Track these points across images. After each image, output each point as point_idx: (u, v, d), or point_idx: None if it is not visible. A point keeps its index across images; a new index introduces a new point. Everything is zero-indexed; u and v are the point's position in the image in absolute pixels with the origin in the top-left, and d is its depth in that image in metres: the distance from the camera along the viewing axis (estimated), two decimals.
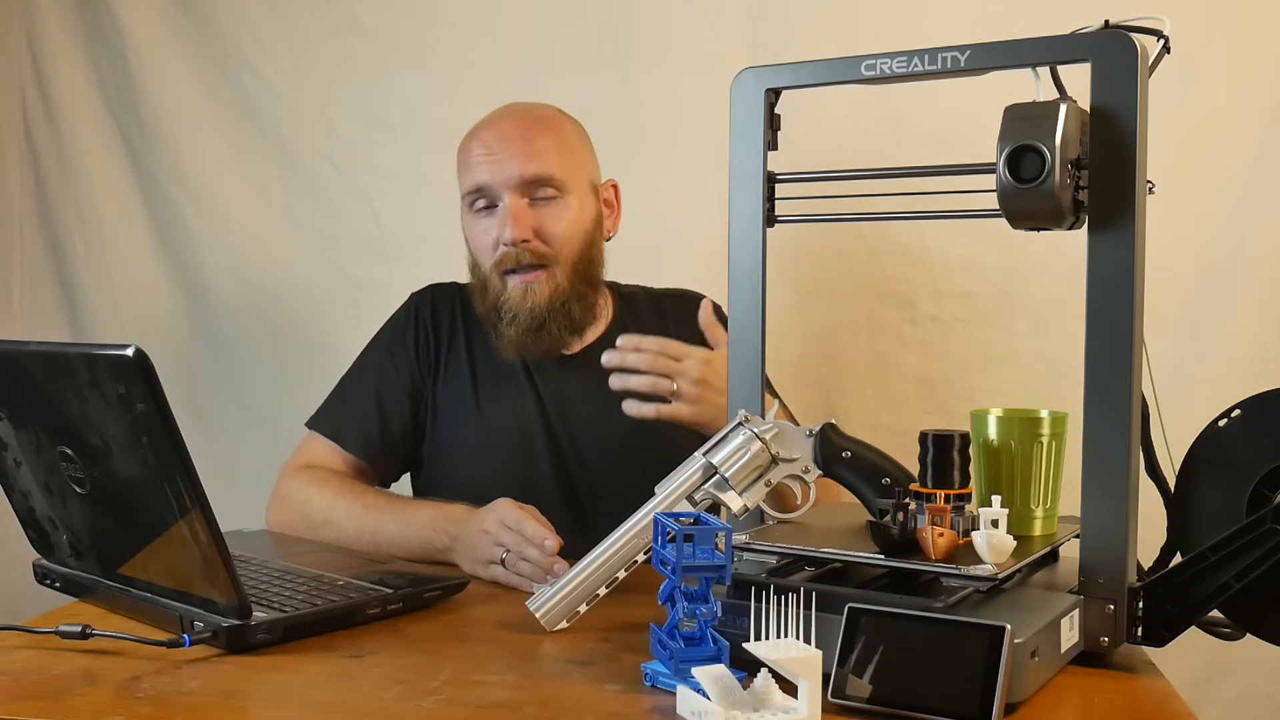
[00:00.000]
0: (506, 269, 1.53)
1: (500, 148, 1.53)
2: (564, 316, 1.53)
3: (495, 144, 1.53)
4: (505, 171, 1.51)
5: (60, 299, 2.24)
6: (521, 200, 1.52)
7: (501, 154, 1.52)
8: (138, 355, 0.95)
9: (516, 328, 1.52)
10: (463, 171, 1.57)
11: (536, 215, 1.52)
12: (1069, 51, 1.00)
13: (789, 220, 1.18)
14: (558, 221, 1.53)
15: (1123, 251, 0.98)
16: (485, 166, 1.53)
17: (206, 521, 1.01)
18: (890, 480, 1.08)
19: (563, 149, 1.55)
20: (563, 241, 1.53)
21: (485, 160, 1.53)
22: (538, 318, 1.52)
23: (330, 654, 1.05)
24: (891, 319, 1.88)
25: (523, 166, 1.51)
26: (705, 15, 1.93)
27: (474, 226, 1.57)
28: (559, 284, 1.53)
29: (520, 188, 1.52)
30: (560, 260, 1.53)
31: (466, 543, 1.34)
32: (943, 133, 1.68)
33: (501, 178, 1.52)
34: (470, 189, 1.55)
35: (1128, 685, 0.97)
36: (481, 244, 1.55)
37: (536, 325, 1.52)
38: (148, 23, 2.16)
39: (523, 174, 1.51)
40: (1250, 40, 1.72)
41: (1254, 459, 1.01)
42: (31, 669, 1.01)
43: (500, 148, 1.53)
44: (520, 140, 1.53)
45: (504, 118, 1.58)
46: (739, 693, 0.85)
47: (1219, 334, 1.75)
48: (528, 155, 1.52)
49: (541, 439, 1.56)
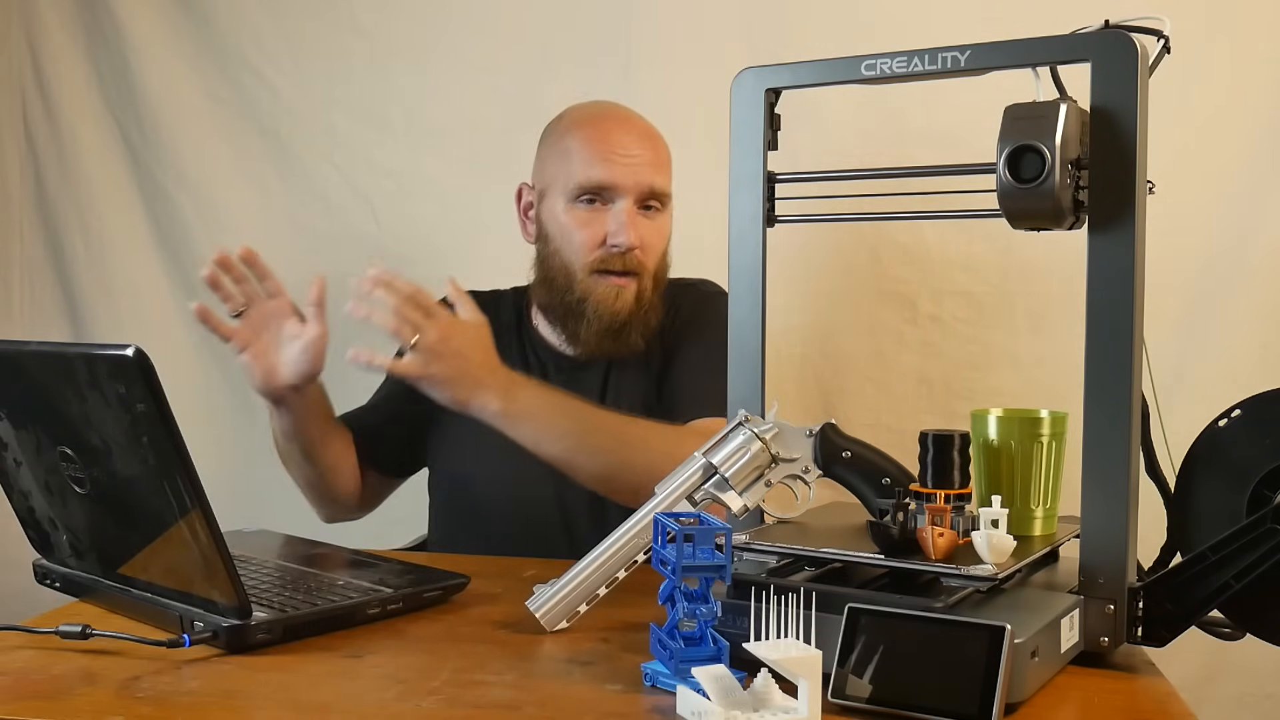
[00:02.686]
0: (604, 269, 1.55)
1: (629, 151, 1.54)
2: (641, 323, 1.57)
3: (622, 146, 1.54)
4: (637, 177, 1.54)
5: (60, 299, 2.25)
6: (634, 207, 1.54)
7: (630, 158, 1.54)
8: (138, 355, 0.95)
9: (599, 325, 1.55)
10: (572, 162, 1.56)
11: (646, 225, 1.56)
12: (1069, 51, 1.00)
13: (789, 220, 1.18)
14: (656, 235, 1.58)
15: (1123, 251, 0.98)
16: (612, 167, 1.53)
17: (206, 521, 1.01)
18: (890, 480, 1.08)
19: (668, 166, 1.60)
20: (655, 254, 1.58)
21: (614, 160, 1.54)
22: (621, 320, 1.55)
23: (330, 654, 1.05)
24: (891, 319, 1.88)
25: (653, 177, 1.55)
26: (705, 15, 1.93)
27: (571, 217, 1.56)
28: (644, 292, 1.56)
29: (640, 196, 1.55)
30: (649, 271, 1.57)
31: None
32: (943, 133, 1.68)
33: (631, 182, 1.53)
34: (588, 184, 1.54)
35: (1128, 685, 0.97)
36: (578, 237, 1.55)
37: (618, 327, 1.55)
38: (148, 23, 2.16)
39: (652, 185, 1.55)
40: (1250, 40, 1.72)
41: (1254, 459, 1.01)
42: (31, 669, 1.01)
43: (629, 151, 1.54)
44: (647, 149, 1.56)
45: (624, 120, 1.60)
46: (739, 693, 0.85)
47: (1219, 334, 1.75)
48: (656, 167, 1.56)
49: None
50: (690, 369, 1.56)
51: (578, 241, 1.55)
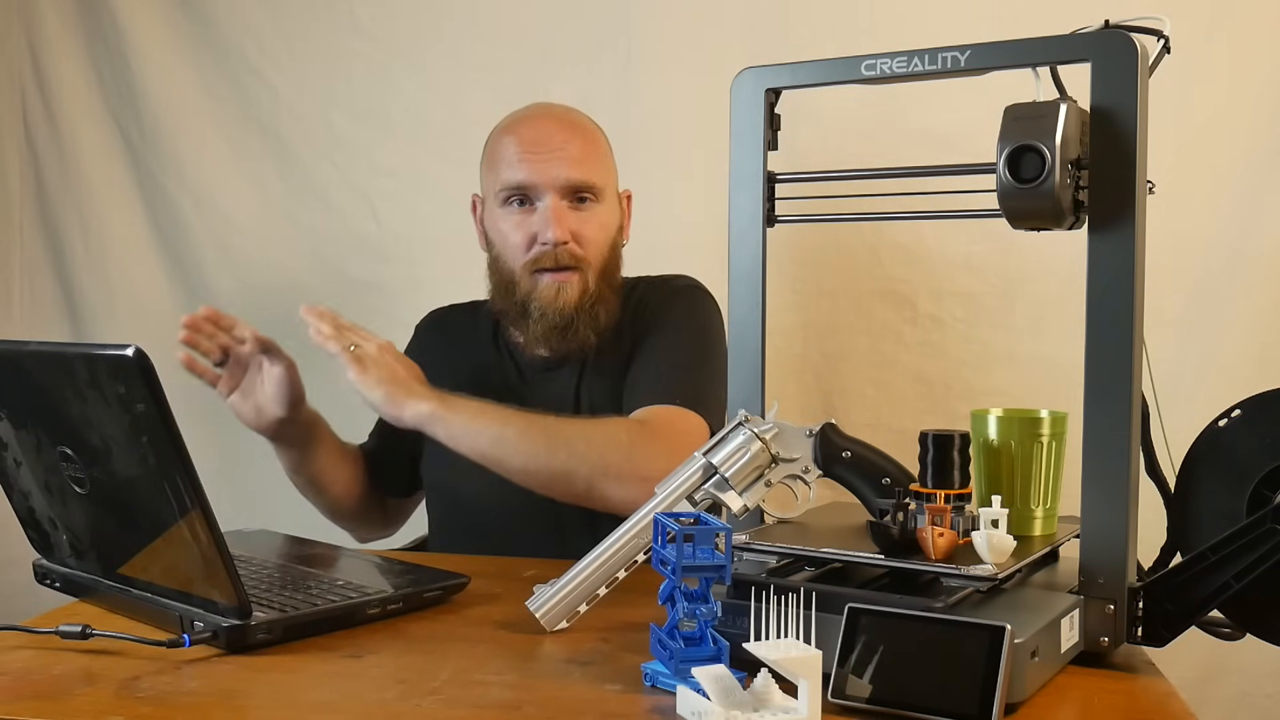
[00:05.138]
0: (540, 268, 1.55)
1: (546, 149, 1.54)
2: (590, 317, 1.56)
3: (540, 144, 1.55)
4: (552, 173, 1.53)
5: (60, 299, 2.25)
6: (562, 202, 1.54)
7: (548, 155, 1.54)
8: (138, 355, 0.95)
9: (545, 324, 1.55)
10: (498, 167, 1.57)
11: (576, 218, 1.55)
12: (1069, 51, 1.00)
13: (789, 220, 1.18)
14: (592, 227, 1.56)
15: (1123, 251, 0.98)
16: (530, 166, 1.54)
17: (206, 521, 1.01)
18: (890, 480, 1.08)
19: (601, 157, 1.60)
20: (595, 246, 1.57)
21: (530, 159, 1.54)
22: (566, 317, 1.54)
23: (330, 654, 1.05)
24: (891, 319, 1.88)
25: (570, 171, 1.54)
26: (705, 15, 1.93)
27: (504, 222, 1.57)
28: (588, 286, 1.56)
29: (563, 190, 1.54)
30: (591, 264, 1.56)
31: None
32: (943, 133, 1.68)
33: (547, 178, 1.53)
34: (509, 185, 1.55)
35: (1128, 685, 0.97)
36: (512, 240, 1.56)
37: (565, 324, 1.55)
38: (148, 23, 2.16)
39: (569, 178, 1.54)
40: (1250, 40, 1.72)
41: (1254, 459, 1.01)
42: (31, 669, 1.01)
43: (546, 149, 1.54)
44: (567, 144, 1.55)
45: (544, 118, 1.59)
46: (739, 693, 0.85)
47: (1219, 334, 1.75)
48: (575, 160, 1.55)
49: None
50: (643, 359, 1.56)
51: (513, 243, 1.56)
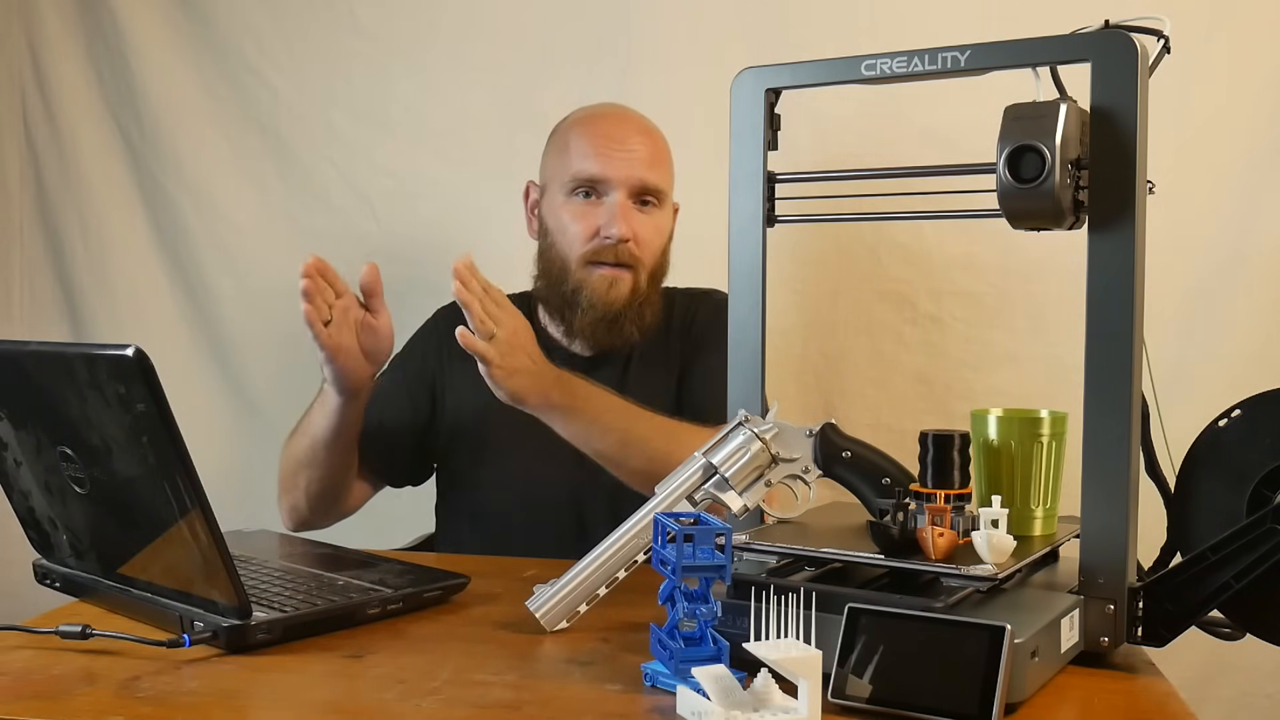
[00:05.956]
0: (597, 260, 1.58)
1: (622, 147, 1.59)
2: (637, 315, 1.60)
3: (616, 141, 1.59)
4: (625, 171, 1.58)
5: (60, 299, 2.24)
6: (629, 201, 1.58)
7: (623, 153, 1.58)
8: (138, 355, 0.95)
9: (592, 315, 1.58)
10: (570, 158, 1.60)
11: (639, 219, 1.59)
12: (1069, 51, 1.00)
13: (789, 220, 1.18)
14: (651, 229, 1.61)
15: (1123, 251, 0.98)
16: (604, 160, 1.58)
17: (206, 521, 1.01)
18: (890, 480, 1.08)
19: (667, 164, 1.65)
20: (651, 249, 1.61)
21: (605, 154, 1.58)
22: (615, 311, 1.58)
23: (330, 654, 1.05)
24: (891, 319, 1.88)
25: (642, 171, 1.59)
26: (705, 15, 1.93)
27: (566, 211, 1.60)
28: (639, 285, 1.60)
29: (632, 190, 1.58)
30: (645, 265, 1.60)
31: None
32: (943, 133, 1.68)
33: (620, 175, 1.57)
34: (580, 177, 1.59)
35: (1128, 685, 0.97)
36: (573, 230, 1.59)
37: (612, 318, 1.58)
38: (148, 23, 2.16)
39: (644, 180, 1.59)
40: (1250, 40, 1.72)
41: (1254, 459, 1.01)
42: (31, 669, 1.01)
43: (622, 147, 1.59)
44: (641, 146, 1.60)
45: (621, 117, 1.64)
46: (739, 693, 0.85)
47: (1219, 334, 1.75)
48: (646, 162, 1.59)
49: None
50: (717, 376, 1.56)
51: (573, 233, 1.59)
